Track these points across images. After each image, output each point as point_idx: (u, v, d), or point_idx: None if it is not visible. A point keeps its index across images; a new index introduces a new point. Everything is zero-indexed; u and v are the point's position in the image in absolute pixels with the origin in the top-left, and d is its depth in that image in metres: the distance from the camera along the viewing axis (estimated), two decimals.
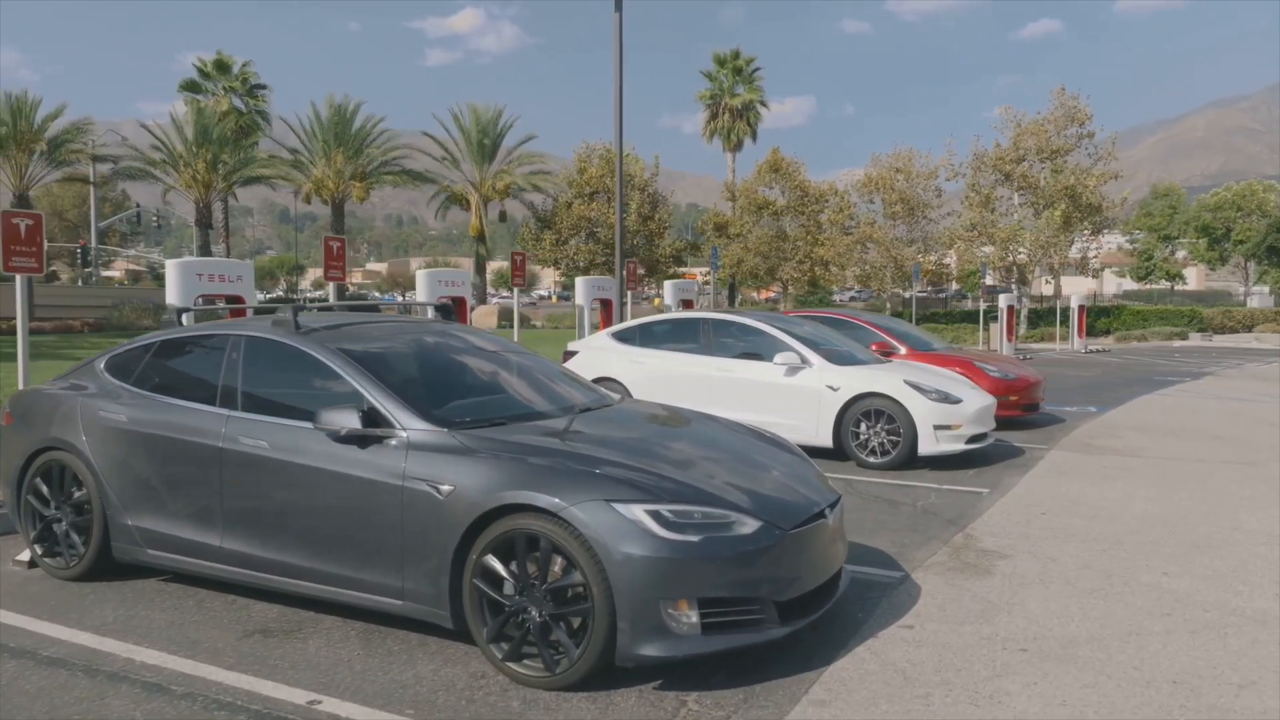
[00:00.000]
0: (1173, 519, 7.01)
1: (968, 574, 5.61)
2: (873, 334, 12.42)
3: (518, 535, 3.93)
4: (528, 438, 4.32)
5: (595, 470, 4.00)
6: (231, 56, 44.46)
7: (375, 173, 43.64)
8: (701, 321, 10.39)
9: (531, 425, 4.53)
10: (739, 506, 4.02)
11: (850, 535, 6.47)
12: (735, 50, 48.63)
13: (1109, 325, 37.77)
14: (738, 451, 4.72)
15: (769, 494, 4.27)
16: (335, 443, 4.39)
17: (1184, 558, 5.99)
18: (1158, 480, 8.49)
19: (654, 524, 3.79)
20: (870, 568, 5.71)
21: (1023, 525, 6.80)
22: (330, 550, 4.41)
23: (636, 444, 4.52)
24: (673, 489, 3.99)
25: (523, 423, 4.57)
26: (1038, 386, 11.97)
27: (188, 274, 8.02)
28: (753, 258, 43.09)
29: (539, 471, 4.00)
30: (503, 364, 5.43)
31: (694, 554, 3.81)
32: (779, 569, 4.01)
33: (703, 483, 4.10)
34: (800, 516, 4.17)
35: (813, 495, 4.44)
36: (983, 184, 35.83)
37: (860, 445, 9.06)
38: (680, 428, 5.02)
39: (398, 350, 5.02)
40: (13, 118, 34.01)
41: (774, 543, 3.99)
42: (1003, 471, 8.90)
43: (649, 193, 44.31)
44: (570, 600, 3.86)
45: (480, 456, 4.14)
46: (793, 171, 43.12)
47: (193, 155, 38.35)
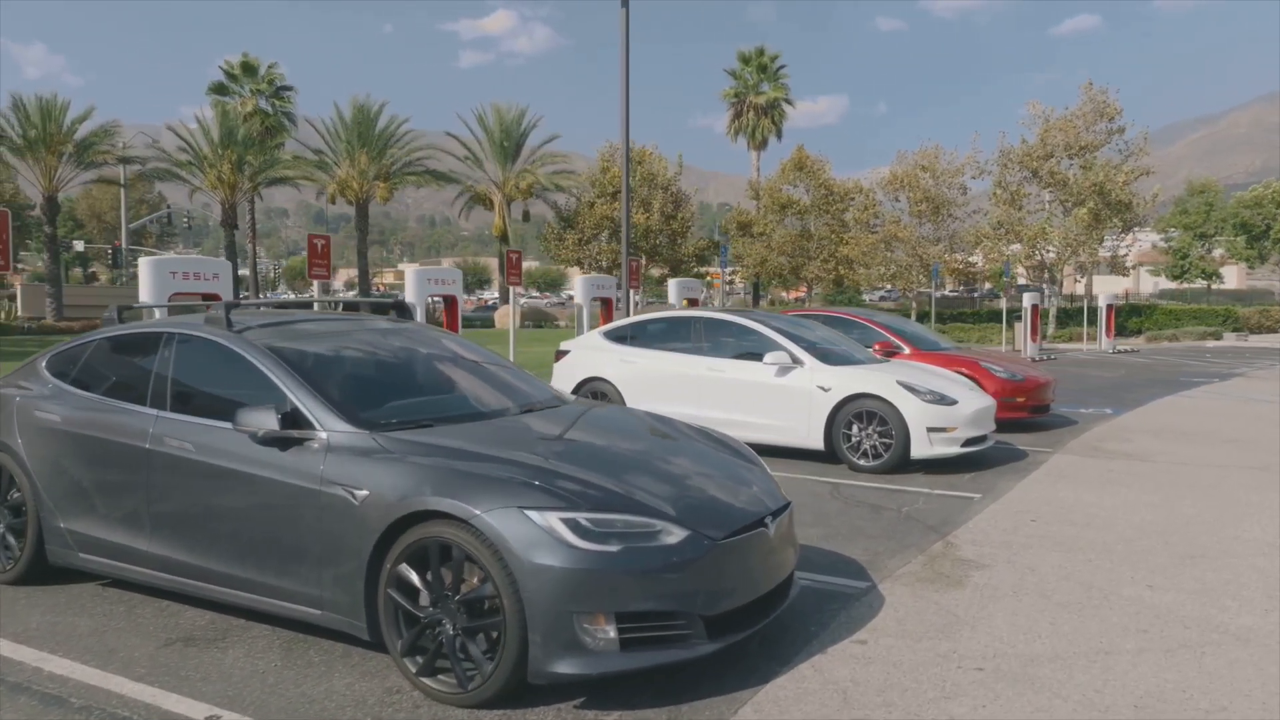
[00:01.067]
0: (1170, 527, 6.67)
1: (938, 585, 5.33)
2: (876, 333, 12.11)
3: (431, 544, 3.73)
4: (451, 441, 4.11)
5: (512, 476, 3.78)
6: (257, 59, 44.84)
7: (399, 173, 43.78)
8: (693, 320, 10.15)
9: (461, 428, 4.33)
10: (665, 514, 3.79)
11: (825, 542, 6.25)
12: (760, 48, 48.25)
13: (1140, 325, 36.93)
14: (678, 456, 4.48)
15: (702, 501, 4.03)
16: (257, 445, 4.21)
17: (1174, 569, 5.66)
18: (1162, 486, 8.12)
19: (569, 533, 3.57)
20: (835, 577, 5.45)
21: (1008, 533, 6.50)
22: (251, 557, 4.25)
23: (568, 447, 4.31)
24: (595, 496, 3.76)
25: (453, 424, 4.37)
26: (1047, 388, 11.59)
27: (161, 272, 7.92)
28: (776, 257, 42.70)
29: (454, 476, 3.80)
30: (449, 364, 5.24)
31: (612, 565, 3.58)
32: (708, 581, 3.77)
33: (629, 489, 3.88)
34: (734, 525, 3.93)
35: (753, 502, 4.20)
36: (1009, 181, 35.13)
37: (852, 448, 8.77)
38: (621, 431, 4.79)
39: (334, 349, 4.85)
40: (42, 121, 34.47)
41: (702, 554, 3.75)
42: (999, 476, 8.57)
43: (672, 192, 44.02)
44: (484, 613, 3.65)
45: (398, 460, 3.95)
46: (817, 170, 42.66)
47: (218, 157, 38.69)
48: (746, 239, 44.27)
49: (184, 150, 39.65)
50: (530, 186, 45.07)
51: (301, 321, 5.11)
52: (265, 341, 4.59)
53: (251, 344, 4.55)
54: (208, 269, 8.33)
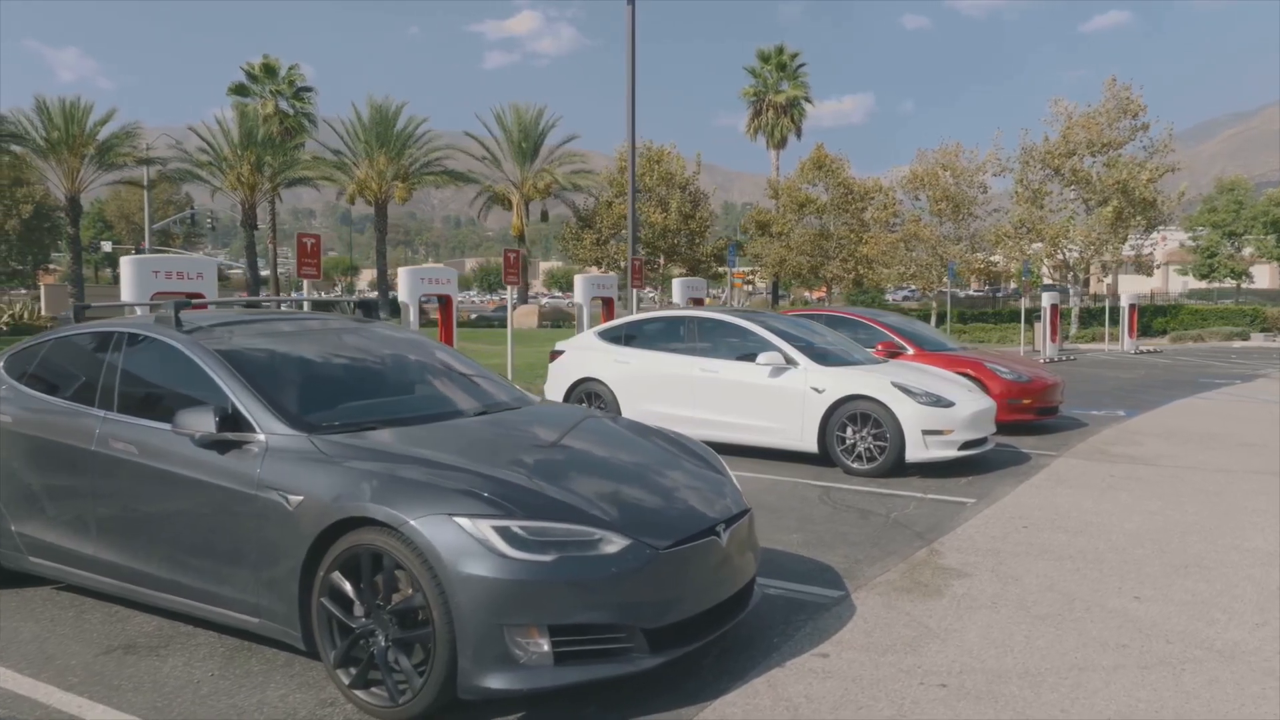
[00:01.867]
0: (1167, 535, 6.42)
1: (914, 595, 5.13)
2: (880, 334, 11.88)
3: (362, 552, 3.60)
4: (392, 445, 3.98)
5: (446, 482, 3.64)
6: (278, 60, 45.13)
7: (417, 173, 43.87)
8: (688, 320, 9.98)
9: (405, 431, 4.19)
10: (605, 522, 3.63)
11: (804, 548, 6.06)
12: (779, 46, 47.91)
13: (1165, 325, 36.27)
14: (631, 461, 4.32)
15: (648, 509, 3.87)
16: (197, 447, 4.10)
17: (1165, 579, 5.43)
18: (1166, 491, 7.85)
19: (501, 541, 3.42)
20: (808, 585, 5.27)
21: (997, 540, 6.28)
22: (191, 562, 4.14)
23: (514, 452, 4.15)
24: (531, 503, 3.61)
25: (398, 428, 4.23)
26: (1054, 389, 11.31)
27: (143, 271, 7.85)
28: (795, 256, 42.38)
29: (388, 482, 3.66)
30: (409, 365, 5.11)
31: (546, 576, 3.43)
32: (650, 592, 3.61)
33: (570, 496, 3.72)
34: (681, 534, 3.77)
35: (705, 509, 4.02)
36: (1031, 179, 34.62)
37: (846, 450, 8.57)
38: (575, 435, 4.63)
39: (286, 350, 4.72)
40: (65, 122, 34.85)
41: (644, 563, 3.59)
42: (998, 480, 8.33)
43: (690, 191, 43.84)
44: (415, 624, 3.51)
45: (334, 464, 3.82)
46: (836, 168, 42.30)
47: (237, 158, 38.93)
48: (765, 238, 43.99)
49: (204, 151, 39.94)
50: (548, 186, 45.04)
51: (257, 321, 5.00)
52: (212, 342, 4.48)
53: (197, 344, 4.44)
54: (192, 268, 8.27)
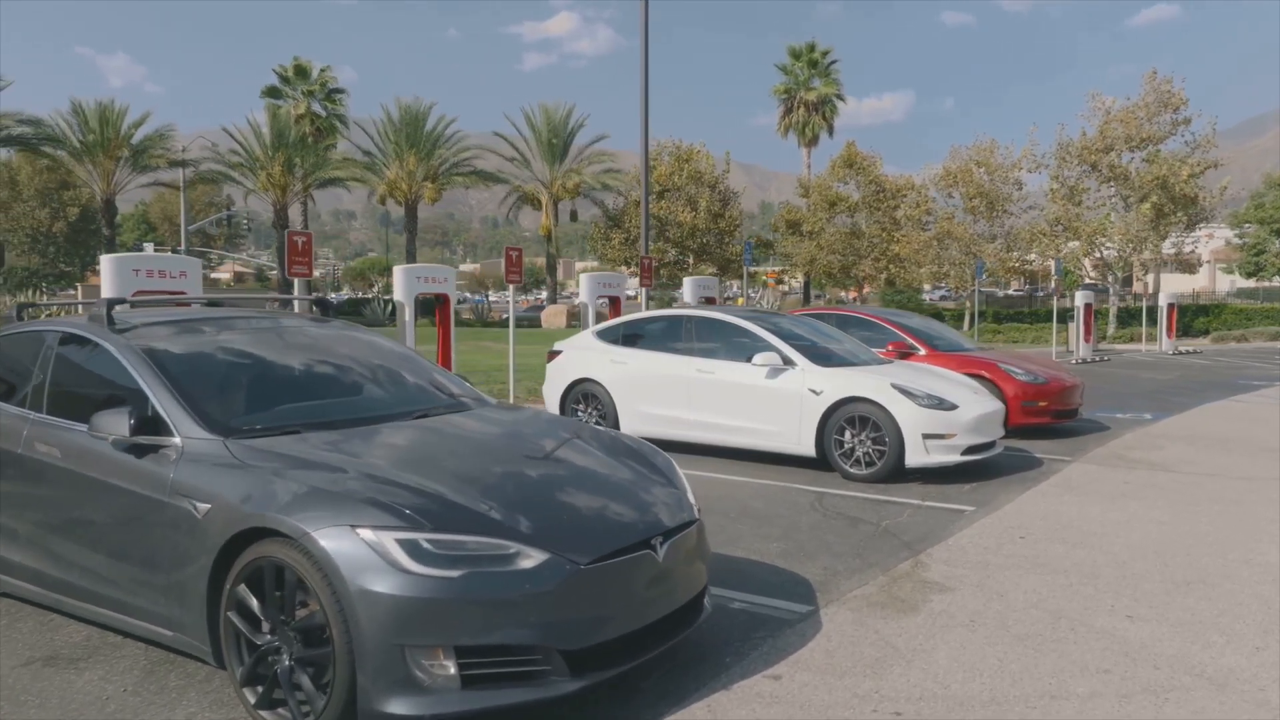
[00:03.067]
0: (1172, 547, 6.03)
1: (889, 611, 4.82)
2: (892, 333, 11.50)
3: (266, 564, 3.39)
4: (310, 450, 3.76)
5: (356, 490, 3.41)
6: (310, 62, 45.47)
7: (446, 174, 43.95)
8: (685, 319, 9.69)
9: (329, 435, 3.97)
10: (523, 535, 3.37)
11: (782, 559, 5.76)
12: (811, 43, 47.33)
13: (1207, 325, 35.23)
14: (565, 468, 4.07)
15: (573, 520, 3.60)
16: (116, 451, 3.92)
17: (1163, 596, 5.06)
18: (1180, 500, 7.43)
19: (403, 555, 3.19)
20: (777, 599, 4.98)
21: (989, 552, 5.93)
22: (110, 571, 3.96)
23: (439, 458, 3.91)
24: (444, 514, 3.37)
25: (324, 431, 4.01)
26: (1072, 391, 10.86)
27: (124, 270, 7.75)
28: (826, 255, 41.81)
29: (294, 490, 3.44)
30: (353, 365, 4.89)
31: (452, 593, 3.19)
32: (570, 611, 3.35)
33: (488, 506, 3.47)
34: (607, 547, 3.50)
35: (640, 521, 3.75)
36: (1067, 176, 33.81)
37: (845, 455, 8.24)
38: (511, 438, 4.39)
39: (220, 350, 4.53)
40: (100, 125, 35.37)
41: (563, 580, 3.34)
42: (1003, 486, 7.96)
43: (719, 190, 43.46)
44: (317, 643, 3.29)
45: (245, 470, 3.61)
46: (868, 166, 41.66)
47: (268, 159, 39.25)
48: (796, 237, 43.47)
49: (236, 153, 40.35)
50: (577, 186, 44.89)
51: (199, 321, 4.81)
52: (141, 341, 4.30)
53: (125, 344, 4.26)
54: (174, 266, 8.15)
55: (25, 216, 61.51)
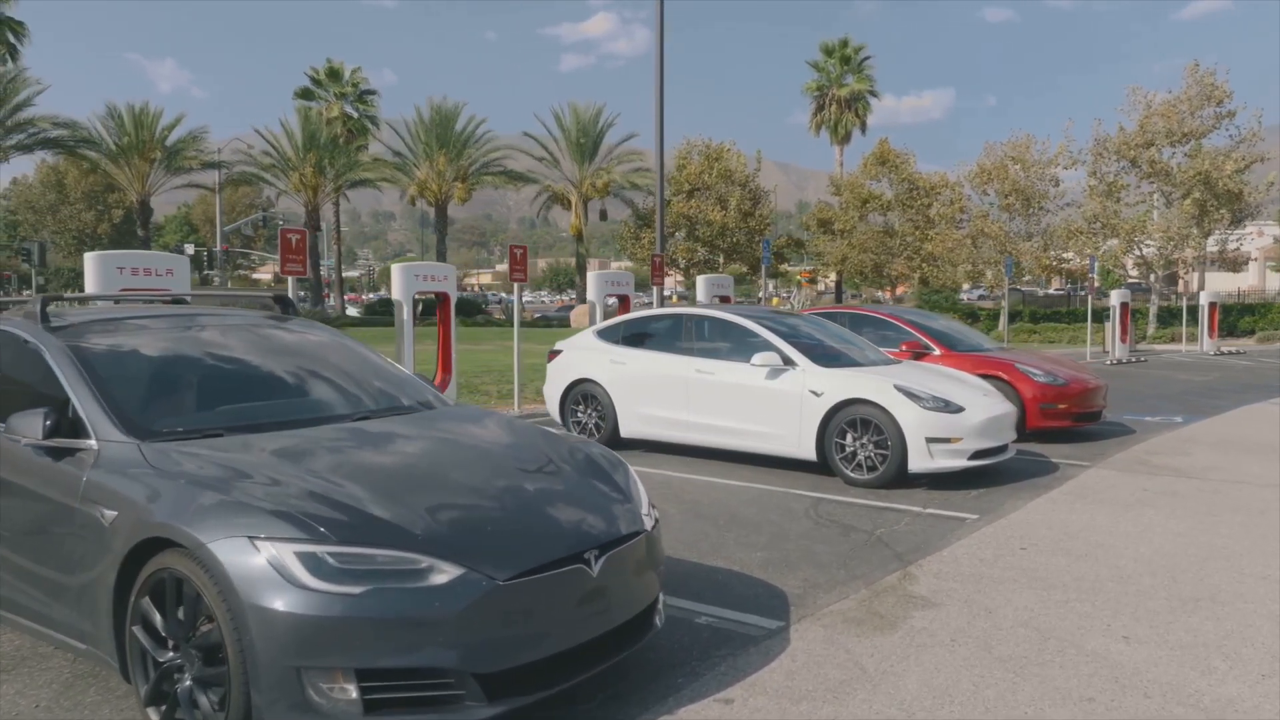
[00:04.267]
0: (1184, 561, 5.64)
1: (864, 628, 4.50)
2: (906, 333, 11.12)
3: (168, 577, 3.18)
4: (226, 454, 3.54)
5: (262, 499, 3.18)
6: (342, 63, 45.77)
7: (476, 174, 43.99)
8: (685, 318, 9.41)
9: (252, 438, 3.75)
10: (435, 548, 3.12)
11: (761, 569, 5.46)
12: (844, 39, 46.76)
13: (1253, 324, 34.11)
14: (500, 476, 3.80)
15: (496, 532, 3.34)
16: (36, 454, 3.74)
17: (1166, 616, 4.69)
18: (1201, 509, 7.01)
19: (302, 570, 2.95)
20: (746, 614, 4.68)
21: (985, 564, 5.58)
22: (27, 579, 3.78)
23: (364, 463, 3.67)
24: (353, 524, 3.13)
25: (247, 434, 3.79)
26: (1095, 393, 10.40)
27: (107, 267, 7.64)
28: (858, 254, 41.21)
29: (197, 497, 3.22)
30: (299, 365, 4.66)
31: (353, 611, 2.95)
32: (486, 631, 3.10)
33: (403, 516, 3.22)
34: (531, 562, 3.24)
35: (573, 533, 3.49)
36: (1105, 172, 32.95)
37: (846, 459, 7.90)
38: (451, 442, 4.13)
39: (157, 350, 4.33)
40: (135, 128, 35.83)
41: (478, 597, 3.08)
42: (1012, 493, 7.57)
43: (750, 188, 43.02)
44: (216, 661, 3.07)
45: (154, 476, 3.40)
46: (901, 163, 41.01)
47: (300, 160, 39.54)
48: (827, 236, 42.91)
49: (268, 154, 40.71)
50: (606, 185, 44.71)
51: (141, 319, 4.62)
52: (73, 340, 4.12)
53: (55, 343, 4.08)
54: (161, 264, 8.03)
55: (72, 219, 62.79)
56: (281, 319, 5.21)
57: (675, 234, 42.45)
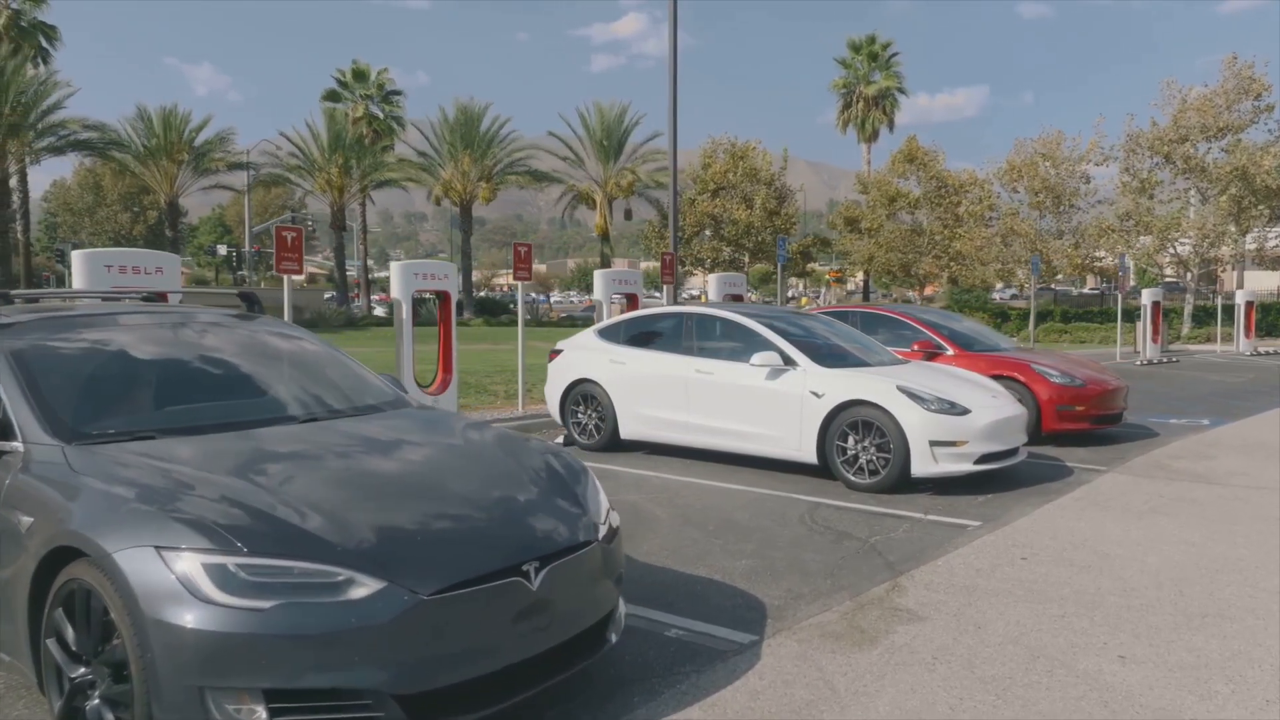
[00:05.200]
0: (1194, 574, 5.32)
1: (842, 643, 4.25)
2: (920, 332, 10.81)
3: (77, 588, 3.01)
4: (146, 459, 3.37)
5: (169, 506, 3.00)
6: (368, 65, 45.92)
7: (501, 174, 43.97)
8: (686, 316, 9.17)
9: (184, 441, 3.58)
10: (356, 560, 2.93)
11: (743, 578, 5.23)
12: (871, 35, 46.19)
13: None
14: (437, 480, 3.60)
15: (424, 542, 3.13)
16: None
17: (1169, 633, 4.39)
18: (1218, 517, 6.66)
19: (208, 583, 2.77)
20: (719, 626, 4.45)
21: (981, 575, 5.30)
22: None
23: (291, 469, 3.48)
24: (269, 534, 2.94)
25: (183, 437, 3.62)
26: (1114, 394, 10.03)
27: (95, 265, 7.55)
28: (885, 253, 40.66)
29: (108, 504, 3.06)
30: (254, 366, 4.49)
31: (262, 627, 2.76)
32: (408, 649, 2.89)
33: (324, 525, 3.03)
34: (462, 575, 3.03)
35: (511, 543, 3.27)
36: (1138, 168, 32.22)
37: (848, 462, 7.62)
38: (396, 445, 3.93)
39: (100, 350, 4.16)
40: (164, 130, 36.18)
41: (399, 612, 2.88)
42: (1019, 498, 7.26)
43: (775, 187, 42.58)
44: (123, 679, 2.90)
45: (74, 480, 3.24)
46: (929, 161, 40.40)
47: (326, 161, 39.72)
48: (854, 235, 42.40)
49: (294, 156, 40.96)
50: (631, 185, 44.52)
51: (90, 316, 4.47)
52: (12, 339, 3.95)
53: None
54: (150, 262, 7.94)
55: (108, 220, 63.70)
56: (246, 317, 5.06)
57: (701, 233, 42.16)
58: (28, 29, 40.34)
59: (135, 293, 5.86)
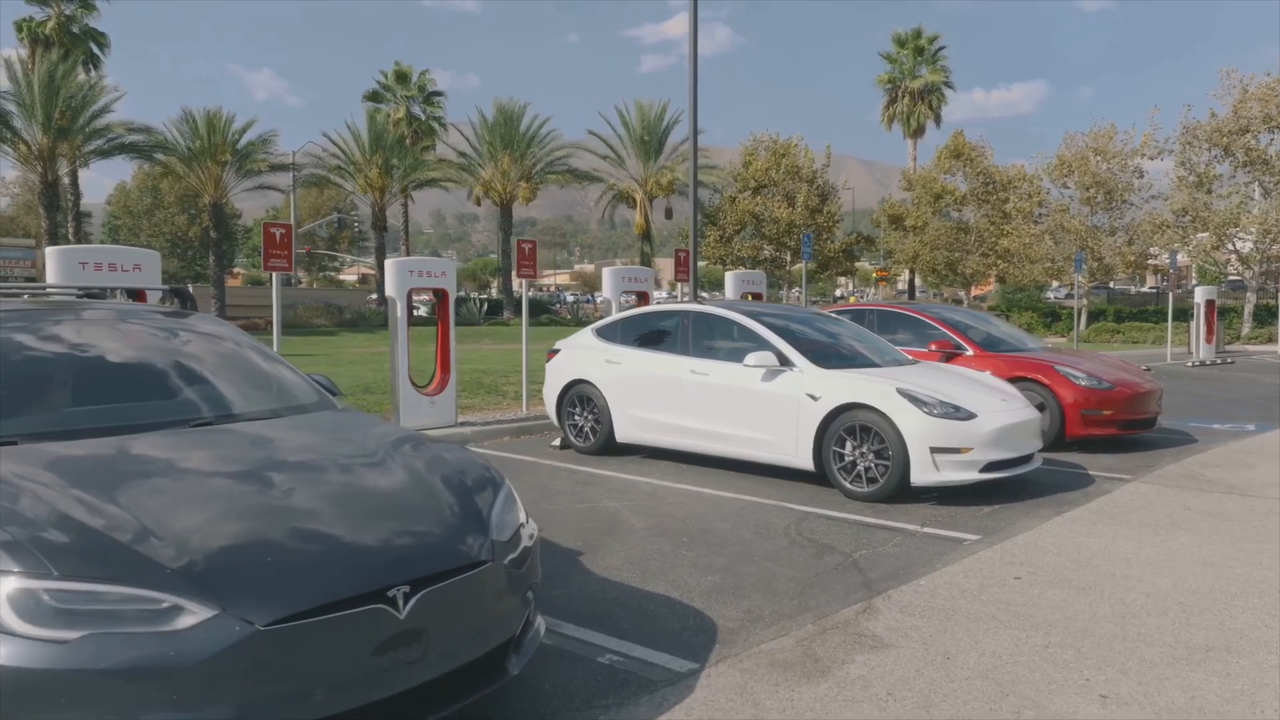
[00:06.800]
0: (1206, 598, 4.79)
1: (790, 674, 3.83)
2: (938, 332, 10.28)
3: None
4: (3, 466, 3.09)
5: None
6: (410, 66, 46.17)
7: (541, 173, 43.86)
8: (683, 315, 8.77)
9: (44, 447, 3.28)
10: (186, 585, 2.60)
11: (700, 597, 4.82)
12: (917, 29, 45.16)
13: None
14: (310, 492, 3.25)
15: (275, 563, 2.79)
16: None
17: (1165, 668, 3.90)
18: (1245, 534, 6.09)
19: (9, 611, 2.46)
20: (659, 652, 4.05)
21: (967, 595, 4.84)
22: None
23: (150, 479, 3.17)
24: (87, 554, 2.63)
25: (49, 442, 3.34)
26: (1146, 398, 9.40)
27: (69, 262, 7.40)
28: (930, 251, 39.70)
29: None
30: (159, 365, 4.19)
31: (64, 661, 2.44)
32: (239, 686, 2.56)
33: (155, 544, 2.71)
34: (309, 601, 2.69)
35: (377, 564, 2.92)
36: (1195, 161, 30.95)
37: (845, 469, 7.17)
38: (276, 450, 3.60)
39: (10, 348, 3.91)
40: (208, 132, 36.60)
41: (231, 644, 2.54)
42: (1029, 509, 6.74)
43: (817, 185, 41.83)
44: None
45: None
46: (976, 157, 39.33)
47: (366, 162, 39.94)
48: (899, 232, 41.50)
49: (335, 157, 41.29)
50: (671, 183, 44.07)
51: (6, 313, 4.23)
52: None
53: None
54: (128, 259, 7.77)
55: (165, 223, 64.96)
56: (177, 314, 4.79)
57: (741, 231, 41.60)
58: (79, 35, 41.24)
59: (79, 289, 5.62)
